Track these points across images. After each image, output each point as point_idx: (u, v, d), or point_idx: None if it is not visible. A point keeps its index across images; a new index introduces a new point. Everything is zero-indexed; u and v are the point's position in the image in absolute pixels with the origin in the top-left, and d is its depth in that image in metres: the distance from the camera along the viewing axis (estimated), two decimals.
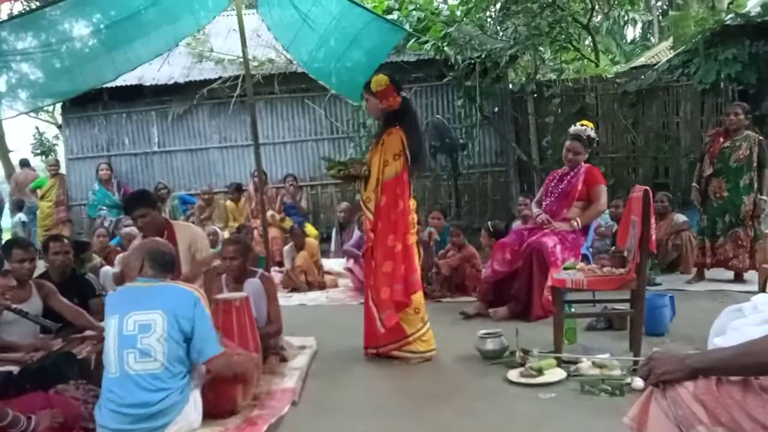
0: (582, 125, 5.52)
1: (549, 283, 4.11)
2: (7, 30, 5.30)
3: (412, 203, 4.47)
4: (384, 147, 4.34)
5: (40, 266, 4.77)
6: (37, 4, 11.93)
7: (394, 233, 4.31)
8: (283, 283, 7.29)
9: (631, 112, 9.50)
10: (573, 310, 4.55)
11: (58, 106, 11.17)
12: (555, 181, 5.55)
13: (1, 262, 3.24)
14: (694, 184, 6.37)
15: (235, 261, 4.43)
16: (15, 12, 13.40)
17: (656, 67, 9.93)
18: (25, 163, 13.58)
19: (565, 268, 4.16)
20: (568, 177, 5.44)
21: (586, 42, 12.13)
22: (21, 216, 10.32)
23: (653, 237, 3.70)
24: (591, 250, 5.54)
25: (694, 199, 6.36)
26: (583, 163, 5.44)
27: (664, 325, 4.53)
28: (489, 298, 5.45)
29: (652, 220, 3.69)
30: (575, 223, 5.26)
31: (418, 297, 4.41)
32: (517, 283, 5.25)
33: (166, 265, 3.12)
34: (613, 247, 5.46)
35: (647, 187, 3.75)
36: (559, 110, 9.64)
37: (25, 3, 13.10)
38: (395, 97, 4.34)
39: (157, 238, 3.38)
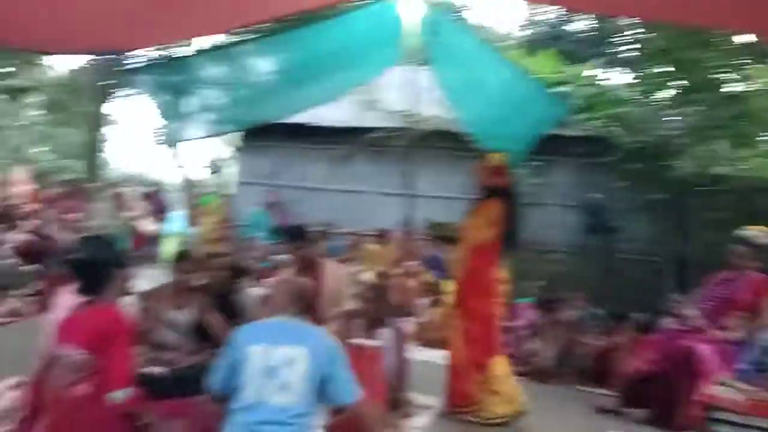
0: (753, 230, 5.14)
1: (700, 396, 3.80)
2: (205, 58, 5.88)
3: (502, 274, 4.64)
4: (479, 213, 4.60)
5: None
6: (232, 39, 13.01)
7: (479, 296, 4.53)
8: (416, 336, 7.28)
9: None
10: (722, 430, 4.17)
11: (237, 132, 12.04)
12: (717, 285, 5.19)
13: (125, 259, 3.49)
14: None
15: (367, 307, 4.51)
16: (211, 44, 14.78)
17: None
18: (191, 184, 14.68)
19: (722, 384, 3.82)
20: (733, 283, 5.06)
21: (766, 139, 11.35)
22: (197, 229, 11.05)
23: None
24: (751, 366, 5.06)
25: None
26: (751, 271, 5.04)
27: None
28: (629, 395, 5.13)
29: None
30: (735, 333, 4.86)
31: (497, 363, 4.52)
32: (661, 385, 4.89)
33: (306, 308, 3.18)
34: None
35: None
36: (730, 209, 9.00)
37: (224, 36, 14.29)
38: (503, 178, 4.66)
39: (303, 279, 3.47)
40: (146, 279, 5.52)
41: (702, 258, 9.03)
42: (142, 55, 14.34)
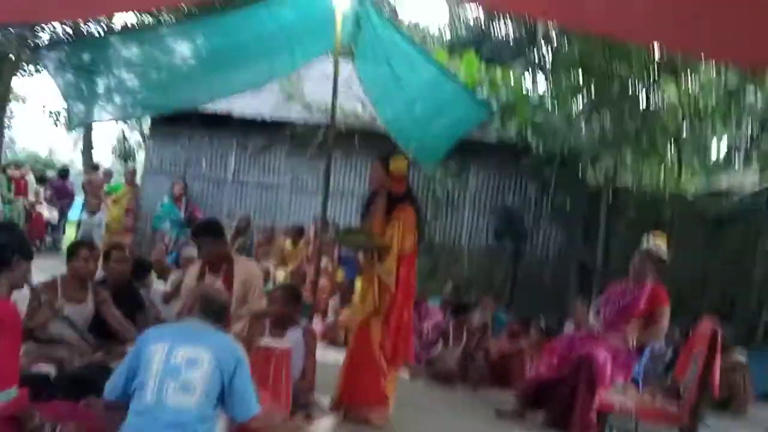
0: (655, 242, 5.36)
1: (596, 402, 3.94)
2: (117, 38, 5.62)
3: None
4: (401, 222, 4.57)
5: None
6: (149, 18, 12.57)
7: (408, 304, 4.65)
8: (324, 334, 7.24)
9: (707, 236, 9.20)
10: None
11: (147, 117, 11.62)
12: (617, 293, 5.36)
13: (29, 247, 3.28)
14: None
15: (277, 307, 4.43)
16: (128, 24, 14.24)
17: (740, 195, 9.65)
18: (95, 168, 14.15)
19: (616, 390, 3.98)
20: (632, 292, 5.26)
21: (670, 152, 11.93)
22: (101, 217, 10.62)
23: (716, 380, 3.51)
24: (641, 373, 5.29)
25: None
26: (649, 281, 5.27)
27: None
28: (529, 398, 5.26)
29: (717, 362, 3.51)
30: (631, 341, 5.06)
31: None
32: (560, 390, 5.03)
33: (216, 316, 3.08)
34: (668, 378, 5.22)
35: (716, 327, 3.58)
36: (633, 219, 9.42)
37: (137, 16, 13.80)
38: (404, 185, 4.73)
39: (217, 286, 3.35)
40: (42, 269, 5.22)
41: (606, 265, 9.43)
42: (50, 29, 13.71)
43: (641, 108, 9.47)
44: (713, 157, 21.74)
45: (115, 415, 3.14)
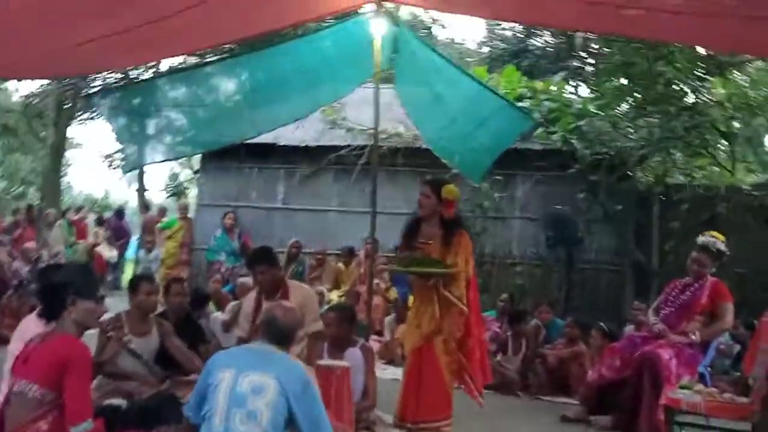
0: (712, 236, 5.26)
1: (662, 400, 3.87)
2: (165, 81, 5.85)
3: None
4: (462, 248, 4.60)
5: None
6: (194, 60, 12.99)
7: (480, 325, 4.84)
8: (380, 353, 7.28)
9: (766, 227, 8.93)
10: None
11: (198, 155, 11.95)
12: (676, 291, 5.27)
13: (97, 289, 3.39)
14: None
15: (332, 329, 4.49)
16: (174, 65, 14.74)
17: None
18: (147, 207, 14.64)
19: (682, 387, 3.91)
20: (692, 289, 5.16)
21: (722, 148, 11.67)
22: (158, 253, 10.96)
23: None
24: (709, 369, 5.17)
25: None
26: (708, 277, 5.17)
27: None
28: (592, 403, 5.20)
29: None
30: (694, 337, 4.95)
31: None
32: (624, 392, 4.96)
33: (281, 337, 3.05)
34: (737, 373, 5.09)
35: None
36: (687, 216, 9.23)
37: (183, 58, 14.28)
38: (453, 209, 4.73)
39: (285, 306, 3.35)
40: (108, 307, 5.41)
41: (662, 266, 9.24)
42: (102, 77, 14.31)
43: (688, 106, 9.30)
44: None
45: None
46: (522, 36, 19.87)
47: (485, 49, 21.90)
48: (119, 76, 14.47)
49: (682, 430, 4.23)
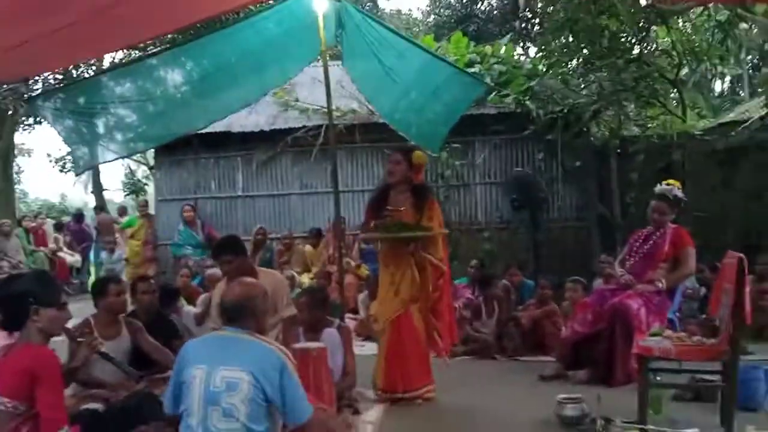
0: (668, 184, 5.35)
1: (634, 349, 3.96)
2: (108, 77, 5.68)
3: None
4: (435, 212, 4.87)
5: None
6: (137, 53, 12.67)
7: (447, 286, 5.02)
8: (357, 330, 7.31)
9: (721, 170, 9.14)
10: (659, 378, 4.35)
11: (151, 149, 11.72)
12: (640, 241, 5.38)
13: (59, 295, 3.32)
14: None
15: (306, 313, 4.48)
16: (117, 60, 14.37)
17: (747, 124, 9.56)
18: (100, 209, 14.35)
19: (652, 335, 4.00)
20: (654, 237, 5.27)
21: (672, 96, 11.86)
22: (121, 254, 10.76)
23: (747, 307, 3.52)
24: (678, 314, 5.31)
25: None
26: (669, 224, 5.27)
27: (759, 399, 4.27)
28: (568, 359, 5.30)
29: (747, 290, 3.52)
30: (660, 285, 5.07)
31: None
32: (598, 345, 5.08)
33: (241, 318, 2.96)
34: (704, 315, 5.24)
35: (741, 255, 3.58)
36: (644, 166, 9.39)
37: (125, 52, 13.93)
38: (421, 175, 5.05)
39: (233, 284, 3.27)
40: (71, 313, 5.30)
41: (625, 217, 9.41)
42: (43, 78, 13.86)
43: (635, 57, 9.41)
44: (717, 94, 21.57)
45: None
46: (466, 1, 19.83)
47: (432, 18, 21.83)
48: (59, 77, 14.05)
49: (656, 376, 4.34)
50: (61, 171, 21.46)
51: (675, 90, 11.09)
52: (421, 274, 4.77)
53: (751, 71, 20.29)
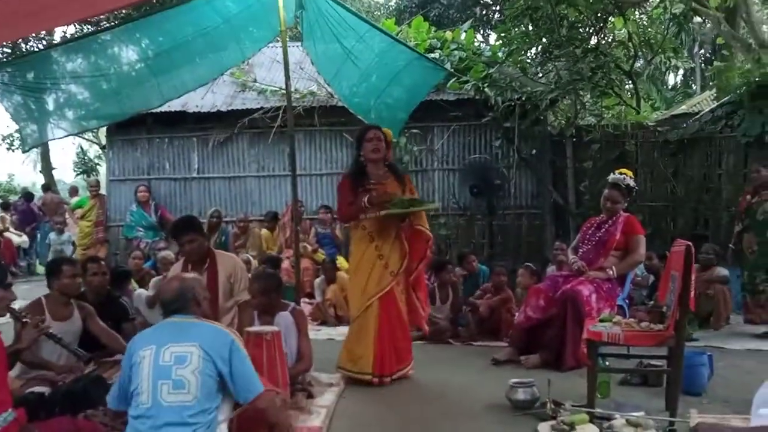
0: (621, 173, 5.46)
1: (584, 335, 4.04)
2: (59, 52, 5.50)
3: None
4: (413, 185, 5.23)
5: None
6: (90, 28, 12.32)
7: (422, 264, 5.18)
8: (313, 315, 7.31)
9: (672, 161, 9.36)
10: (607, 363, 4.46)
11: (103, 127, 11.42)
12: (592, 228, 5.49)
13: (4, 275, 3.25)
14: (730, 245, 6.75)
15: (258, 299, 4.45)
16: (68, 35, 13.95)
17: (698, 116, 9.81)
18: (47, 188, 13.97)
19: (601, 320, 4.08)
20: (606, 225, 5.37)
21: (627, 87, 12.09)
22: (71, 234, 10.49)
23: (692, 294, 3.62)
24: (627, 301, 5.44)
25: (728, 259, 6.74)
26: (621, 212, 5.38)
27: (702, 384, 4.42)
28: (521, 344, 5.38)
29: (693, 277, 3.62)
30: (611, 272, 5.19)
31: None
32: (550, 330, 5.17)
33: (182, 306, 3.00)
34: (651, 302, 5.37)
35: (689, 243, 3.68)
36: (598, 156, 9.56)
37: (78, 26, 13.54)
38: (391, 152, 5.29)
39: (167, 280, 3.30)
40: (21, 294, 5.16)
41: (579, 205, 9.58)
42: None
43: (592, 48, 9.54)
44: (670, 87, 22.06)
45: (118, 423, 3.18)
46: None
47: (393, 2, 21.75)
48: (8, 50, 13.58)
49: (605, 361, 4.44)
50: (8, 149, 20.79)
51: (630, 81, 11.31)
52: (413, 245, 4.96)
53: (703, 65, 20.84)
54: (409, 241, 4.96)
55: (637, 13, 10.92)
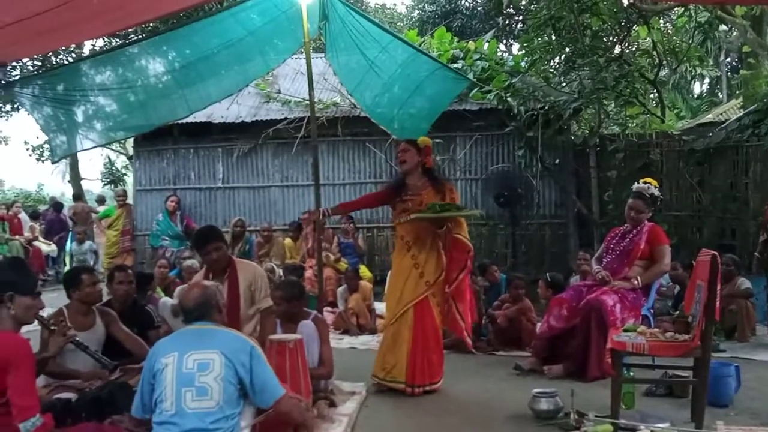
0: (646, 182, 5.41)
1: (608, 345, 4.00)
2: (88, 65, 5.61)
3: None
4: (455, 194, 5.05)
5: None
6: (118, 41, 12.52)
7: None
8: (335, 324, 7.32)
9: (698, 170, 9.25)
10: (632, 374, 4.41)
11: (130, 138, 11.60)
12: (617, 238, 5.43)
13: (35, 284, 3.31)
14: (756, 253, 6.56)
15: (281, 307, 4.47)
16: (97, 48, 14.19)
17: (725, 125, 9.69)
18: (77, 197, 14.18)
19: (626, 330, 4.05)
20: (631, 235, 5.32)
21: (652, 96, 12.00)
22: (92, 244, 10.65)
23: (717, 305, 3.58)
24: (652, 311, 5.38)
25: (753, 267, 6.61)
26: (646, 222, 5.33)
27: (729, 396, 4.35)
28: (544, 354, 5.35)
29: (719, 287, 3.58)
30: (636, 282, 5.13)
31: None
32: (573, 340, 5.13)
33: (203, 313, 3.04)
34: (677, 312, 5.31)
35: (715, 253, 3.64)
36: (623, 165, 9.49)
37: (106, 39, 13.77)
38: (431, 157, 5.09)
39: (187, 287, 3.35)
40: (50, 303, 5.25)
41: (602, 215, 9.50)
42: (21, 65, 13.65)
43: (616, 56, 9.50)
44: (696, 95, 21.82)
45: (142, 429, 3.22)
46: None
47: (416, 13, 21.84)
48: (38, 64, 13.85)
49: (630, 371, 4.40)
50: (38, 160, 21.16)
51: (655, 90, 11.23)
52: (447, 255, 4.90)
53: (729, 73, 20.61)
54: (449, 251, 4.92)
55: (661, 21, 10.85)
